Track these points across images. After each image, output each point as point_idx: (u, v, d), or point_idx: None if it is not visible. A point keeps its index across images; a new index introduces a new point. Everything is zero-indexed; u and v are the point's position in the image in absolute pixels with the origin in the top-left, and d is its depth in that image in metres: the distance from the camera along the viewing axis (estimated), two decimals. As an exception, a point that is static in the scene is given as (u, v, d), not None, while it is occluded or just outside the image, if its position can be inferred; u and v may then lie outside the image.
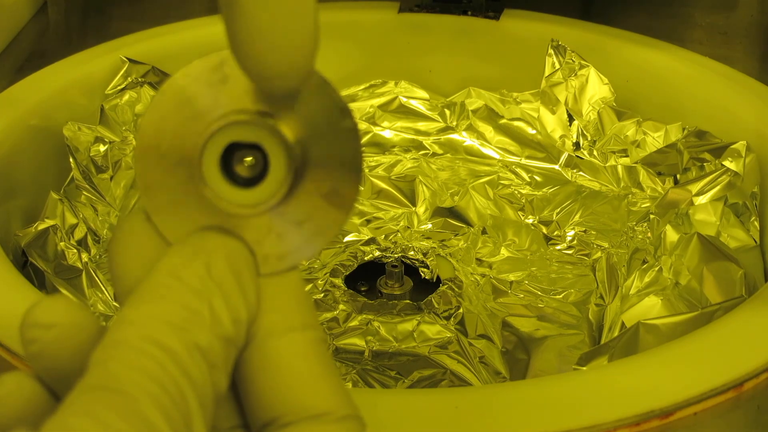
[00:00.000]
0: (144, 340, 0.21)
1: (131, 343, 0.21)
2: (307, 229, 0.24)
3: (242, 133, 0.23)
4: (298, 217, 0.24)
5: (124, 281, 0.24)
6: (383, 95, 0.78)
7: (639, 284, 0.56)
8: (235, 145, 0.23)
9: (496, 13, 0.79)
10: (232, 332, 0.23)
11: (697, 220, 0.58)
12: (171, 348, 0.21)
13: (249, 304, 0.23)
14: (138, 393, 0.20)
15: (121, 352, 0.21)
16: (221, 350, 0.22)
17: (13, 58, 0.78)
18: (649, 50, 0.73)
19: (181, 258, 0.23)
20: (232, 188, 0.23)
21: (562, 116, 0.73)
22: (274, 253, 0.24)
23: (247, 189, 0.23)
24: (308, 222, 0.24)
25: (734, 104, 0.67)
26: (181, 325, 0.21)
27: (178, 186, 0.24)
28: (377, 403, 0.40)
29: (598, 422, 0.38)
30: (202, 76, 0.25)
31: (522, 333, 0.58)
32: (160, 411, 0.20)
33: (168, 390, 0.20)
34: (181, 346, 0.21)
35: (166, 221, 0.24)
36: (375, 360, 0.55)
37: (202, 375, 0.21)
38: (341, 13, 0.81)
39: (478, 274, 0.63)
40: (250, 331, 0.23)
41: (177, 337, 0.21)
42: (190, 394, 0.21)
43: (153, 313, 0.22)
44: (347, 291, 0.60)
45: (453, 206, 0.68)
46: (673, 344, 0.44)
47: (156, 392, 0.20)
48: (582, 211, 0.68)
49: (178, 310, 0.22)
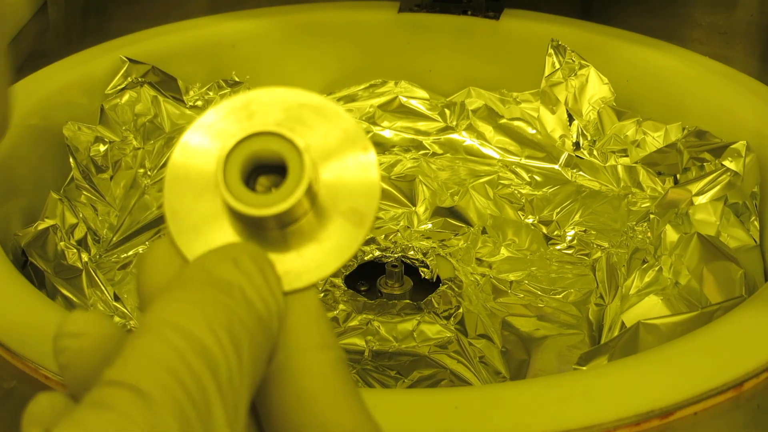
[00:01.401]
0: (165, 325, 0.21)
1: (153, 328, 0.21)
2: (325, 246, 0.24)
3: (264, 143, 0.24)
4: (317, 235, 0.24)
5: (148, 299, 0.24)
6: (383, 95, 0.78)
7: (639, 284, 0.56)
8: (260, 169, 0.24)
9: (496, 13, 0.79)
10: (265, 314, 0.22)
11: (697, 219, 0.58)
12: (193, 333, 0.21)
13: (276, 299, 0.23)
14: (151, 388, 0.19)
15: (142, 340, 0.21)
16: (257, 330, 0.22)
17: (13, 58, 0.78)
18: (649, 50, 0.73)
19: (207, 258, 0.23)
20: (250, 193, 0.24)
21: (562, 116, 0.73)
22: (293, 270, 0.24)
23: (264, 194, 0.24)
24: (327, 240, 0.24)
25: (734, 104, 0.67)
26: (208, 310, 0.21)
27: (203, 210, 0.24)
28: (377, 403, 0.39)
29: (598, 422, 0.38)
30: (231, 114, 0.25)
31: (522, 333, 0.58)
32: (172, 406, 0.19)
33: (184, 382, 0.20)
34: (207, 330, 0.21)
35: (189, 244, 0.24)
36: (375, 360, 0.55)
37: (228, 361, 0.21)
38: (341, 13, 0.81)
39: (478, 273, 0.63)
40: (273, 354, 0.23)
41: (204, 321, 0.21)
42: (211, 385, 0.20)
43: (179, 298, 0.22)
44: (347, 291, 0.60)
45: (453, 206, 0.68)
46: (673, 344, 0.44)
47: (171, 385, 0.20)
48: (582, 211, 0.68)
49: (207, 296, 0.22)
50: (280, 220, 0.24)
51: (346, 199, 0.24)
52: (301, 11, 0.81)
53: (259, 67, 0.78)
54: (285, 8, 0.81)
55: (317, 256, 0.24)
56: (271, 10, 0.81)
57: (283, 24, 0.80)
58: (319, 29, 0.80)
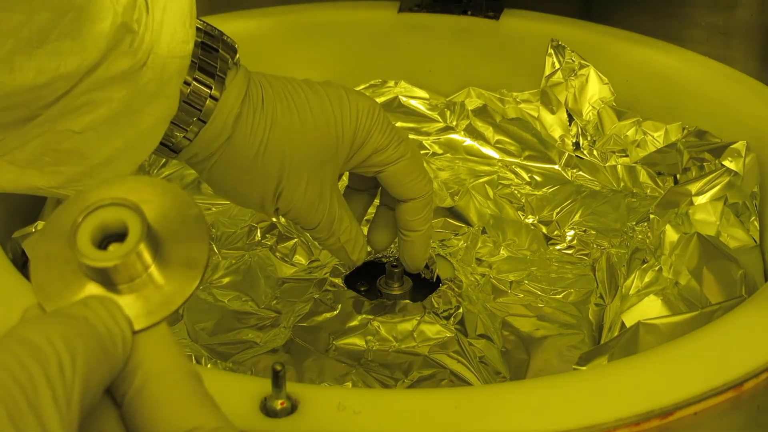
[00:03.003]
0: (9, 337, 0.26)
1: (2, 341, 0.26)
2: (168, 290, 0.30)
3: (110, 213, 0.29)
4: (161, 281, 0.30)
5: None
6: (383, 95, 0.78)
7: (639, 284, 0.56)
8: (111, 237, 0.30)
9: (496, 13, 0.79)
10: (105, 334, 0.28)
11: (697, 219, 0.58)
12: (28, 339, 0.26)
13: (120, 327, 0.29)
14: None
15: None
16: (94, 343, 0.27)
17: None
18: (649, 50, 0.73)
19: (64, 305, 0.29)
20: (97, 251, 0.29)
21: (562, 116, 0.73)
22: (143, 313, 0.29)
23: (106, 251, 0.29)
24: (169, 285, 0.30)
25: (734, 104, 0.67)
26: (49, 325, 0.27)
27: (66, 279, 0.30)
28: (377, 403, 0.40)
29: (598, 422, 0.38)
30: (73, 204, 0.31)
31: (522, 333, 0.58)
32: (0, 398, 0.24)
33: (14, 372, 0.25)
34: (41, 335, 0.26)
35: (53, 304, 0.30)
36: (375, 360, 0.55)
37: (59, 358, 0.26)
38: (341, 13, 0.81)
39: (478, 274, 0.63)
40: (132, 380, 0.28)
41: (41, 330, 0.26)
42: (39, 374, 0.25)
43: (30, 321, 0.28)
44: (347, 291, 0.60)
45: (453, 206, 0.68)
46: (673, 344, 0.44)
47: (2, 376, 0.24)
48: (582, 210, 0.68)
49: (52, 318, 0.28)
50: (127, 274, 0.29)
51: (182, 250, 0.30)
52: (301, 11, 0.81)
53: (259, 67, 0.78)
54: (285, 8, 0.81)
55: (162, 299, 0.30)
56: (271, 10, 0.81)
57: (283, 24, 0.80)
58: (319, 29, 0.80)
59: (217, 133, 0.49)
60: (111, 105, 0.42)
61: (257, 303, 0.60)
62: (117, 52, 0.41)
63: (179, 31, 0.44)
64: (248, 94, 0.50)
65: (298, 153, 0.51)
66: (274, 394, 0.38)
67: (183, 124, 0.47)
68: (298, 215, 0.53)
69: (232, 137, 0.49)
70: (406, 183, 0.55)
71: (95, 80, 0.41)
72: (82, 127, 0.42)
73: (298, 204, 0.52)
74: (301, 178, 0.52)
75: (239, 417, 0.37)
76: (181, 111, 0.46)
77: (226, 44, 0.49)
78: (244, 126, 0.49)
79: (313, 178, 0.52)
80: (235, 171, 0.50)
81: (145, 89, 0.43)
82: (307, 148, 0.52)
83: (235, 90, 0.49)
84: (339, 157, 0.53)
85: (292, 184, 0.51)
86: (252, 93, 0.50)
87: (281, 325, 0.58)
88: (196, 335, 0.57)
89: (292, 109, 0.51)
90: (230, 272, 0.63)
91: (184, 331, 0.56)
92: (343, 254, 0.57)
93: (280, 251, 0.65)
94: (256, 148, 0.50)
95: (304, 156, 0.51)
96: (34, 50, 0.38)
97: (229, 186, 0.52)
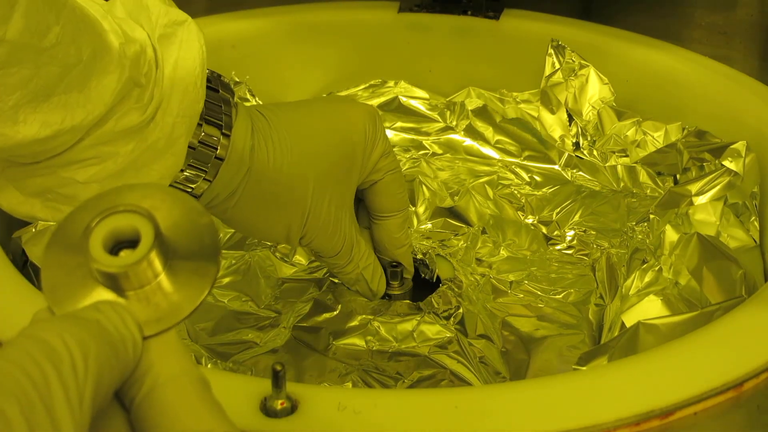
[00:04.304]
0: (24, 336, 0.26)
1: (16, 340, 0.26)
2: (177, 298, 0.30)
3: (123, 219, 0.29)
4: (171, 289, 0.30)
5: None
6: (383, 95, 0.78)
7: (639, 284, 0.56)
8: (123, 243, 0.30)
9: (496, 13, 0.79)
10: (116, 337, 0.28)
11: (697, 220, 0.58)
12: (42, 338, 0.26)
13: (131, 331, 0.29)
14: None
15: (7, 349, 0.26)
16: (106, 346, 0.27)
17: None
18: (649, 50, 0.73)
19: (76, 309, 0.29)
20: (109, 256, 0.29)
21: (562, 116, 0.73)
22: (152, 319, 0.30)
23: (117, 256, 0.30)
24: (178, 292, 0.30)
25: (734, 104, 0.67)
26: (62, 325, 0.27)
27: (77, 282, 0.30)
28: (377, 403, 0.40)
29: (598, 422, 0.38)
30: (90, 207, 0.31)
31: (522, 333, 0.58)
32: (14, 387, 0.24)
33: (27, 370, 0.25)
34: (55, 336, 0.26)
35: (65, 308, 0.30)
36: (375, 360, 0.55)
37: (72, 358, 0.26)
38: (341, 13, 0.81)
39: (477, 274, 0.63)
40: (141, 385, 0.29)
41: (55, 330, 0.26)
42: (52, 373, 0.25)
43: (42, 320, 0.28)
44: (347, 291, 0.60)
45: (453, 206, 0.68)
46: (673, 344, 0.44)
47: (16, 374, 0.25)
48: (582, 211, 0.68)
49: (64, 319, 0.28)
50: (137, 281, 0.30)
51: (192, 259, 0.30)
52: (301, 11, 0.81)
53: (259, 67, 0.78)
54: (285, 8, 0.81)
55: (171, 307, 0.30)
56: (271, 10, 0.81)
57: (283, 24, 0.80)
58: (319, 29, 0.80)
59: (236, 168, 0.48)
60: (117, 159, 0.42)
61: (257, 303, 0.60)
62: (125, 106, 0.41)
63: (191, 91, 0.44)
64: (254, 127, 0.49)
65: (320, 170, 0.51)
66: (274, 394, 0.38)
67: (201, 165, 0.47)
68: (321, 243, 0.53)
69: (251, 169, 0.49)
70: (397, 193, 0.56)
71: (103, 134, 0.41)
72: (86, 178, 0.42)
73: (322, 228, 0.52)
74: (323, 197, 0.52)
75: (239, 417, 0.37)
76: (196, 155, 0.46)
77: (223, 84, 0.49)
78: (261, 155, 0.49)
79: (334, 197, 0.52)
80: (261, 203, 0.50)
81: (154, 147, 0.43)
82: (327, 164, 0.52)
83: (242, 125, 0.49)
84: (356, 164, 0.53)
85: (317, 205, 0.52)
86: (258, 125, 0.50)
87: (281, 325, 0.58)
88: (196, 335, 0.57)
89: (300, 130, 0.51)
90: (230, 272, 0.63)
91: (184, 331, 0.56)
92: (363, 284, 0.57)
93: (280, 251, 0.65)
94: (277, 175, 0.50)
95: (325, 172, 0.52)
96: (40, 104, 0.38)
97: (253, 221, 0.51)
